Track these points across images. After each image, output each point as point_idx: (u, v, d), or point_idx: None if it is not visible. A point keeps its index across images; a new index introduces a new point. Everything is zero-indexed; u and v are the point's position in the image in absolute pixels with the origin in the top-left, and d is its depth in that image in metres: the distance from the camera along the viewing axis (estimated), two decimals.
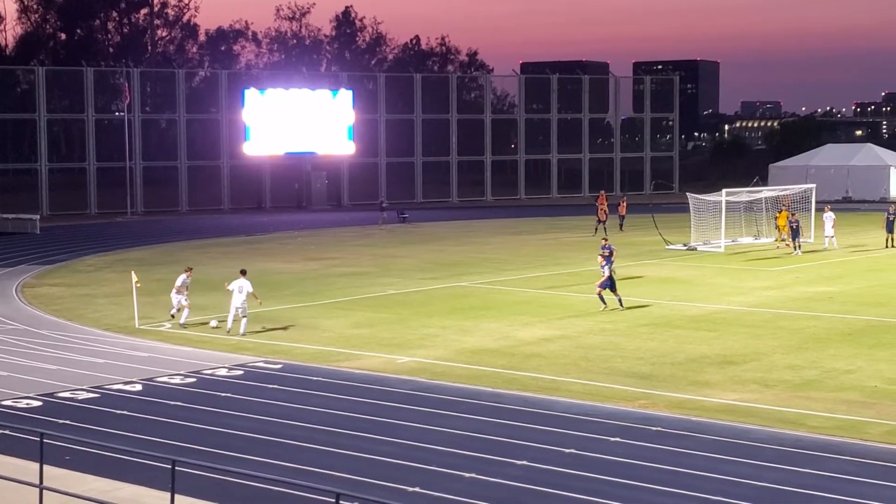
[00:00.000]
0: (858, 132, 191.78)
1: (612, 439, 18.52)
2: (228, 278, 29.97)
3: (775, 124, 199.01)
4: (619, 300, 31.65)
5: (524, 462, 17.21)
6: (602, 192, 62.14)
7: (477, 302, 33.99)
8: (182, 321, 29.69)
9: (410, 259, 45.73)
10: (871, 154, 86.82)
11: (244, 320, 28.50)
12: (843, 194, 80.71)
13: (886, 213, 48.09)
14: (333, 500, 11.32)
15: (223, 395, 22.03)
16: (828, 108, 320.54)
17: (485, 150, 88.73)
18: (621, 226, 57.79)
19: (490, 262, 44.40)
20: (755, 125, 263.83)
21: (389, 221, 63.45)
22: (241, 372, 24.17)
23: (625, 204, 59.43)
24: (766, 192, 54.54)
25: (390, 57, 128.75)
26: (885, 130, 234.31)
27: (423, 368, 24.34)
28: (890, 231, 47.34)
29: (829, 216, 47.41)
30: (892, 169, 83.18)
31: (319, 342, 27.59)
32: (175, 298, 30.03)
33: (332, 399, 21.60)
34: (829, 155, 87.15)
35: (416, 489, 15.89)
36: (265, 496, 15.48)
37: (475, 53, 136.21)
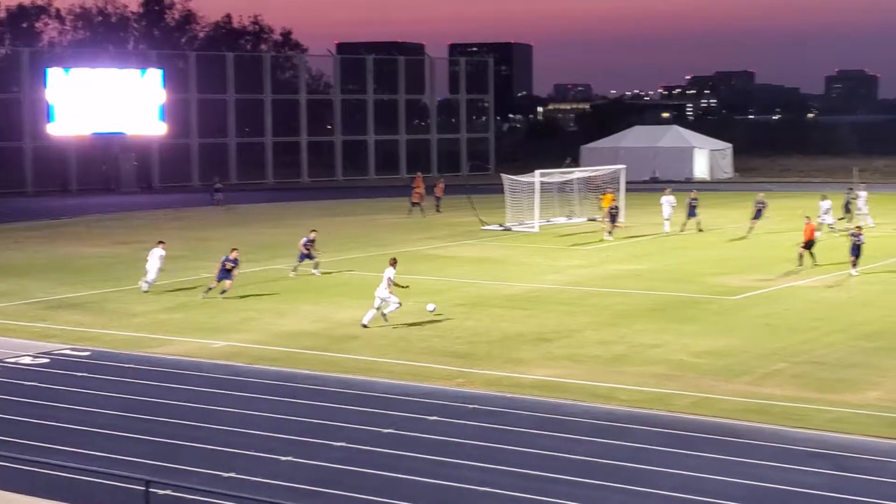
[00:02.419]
0: (665, 114, 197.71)
1: (431, 418, 18.61)
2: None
3: (587, 107, 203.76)
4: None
5: (343, 443, 17.13)
6: (419, 173, 62.37)
7: (294, 284, 33.66)
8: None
9: (225, 242, 44.77)
10: (676, 136, 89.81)
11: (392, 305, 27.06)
12: (651, 175, 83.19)
13: (689, 199, 48.07)
14: (143, 488, 11.00)
15: (27, 383, 21.17)
16: (636, 91, 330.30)
17: (300, 131, 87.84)
18: (438, 207, 58.17)
19: None
20: (567, 107, 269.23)
21: (223, 202, 62.29)
22: (46, 360, 23.29)
23: (441, 185, 59.81)
24: (578, 173, 55.71)
25: (201, 35, 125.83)
26: (689, 113, 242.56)
27: (240, 353, 23.95)
28: (692, 216, 47.58)
29: (667, 200, 47.72)
30: (695, 150, 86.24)
31: (130, 328, 26.83)
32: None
33: (143, 386, 21.03)
34: (637, 136, 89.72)
35: (233, 474, 15.61)
36: (74, 486, 14.93)
37: (289, 33, 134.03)
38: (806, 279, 33.48)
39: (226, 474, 15.60)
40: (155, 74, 78.87)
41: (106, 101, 75.70)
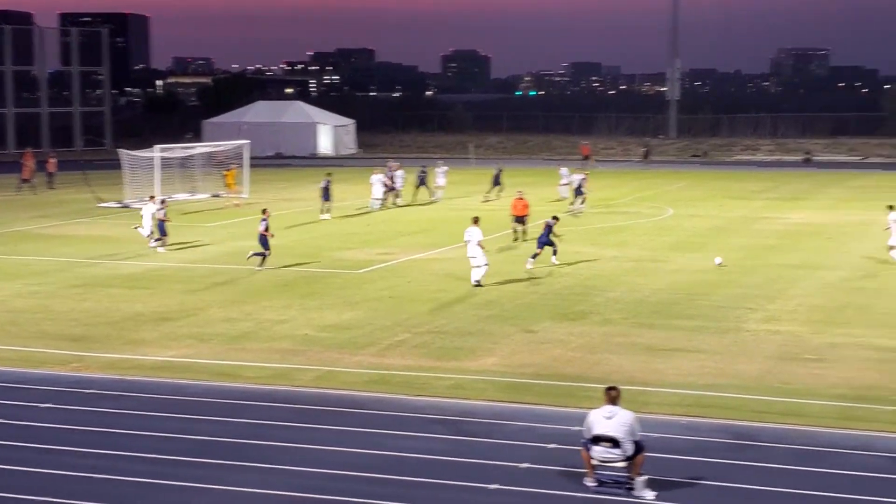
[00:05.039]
0: (289, 90, 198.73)
1: (43, 405, 17.59)
2: None
3: (208, 81, 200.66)
4: None
5: None
6: (28, 149, 59.18)
7: None
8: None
9: None
10: (300, 111, 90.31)
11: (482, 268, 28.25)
12: (275, 150, 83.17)
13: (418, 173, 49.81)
14: None
15: None
16: (258, 66, 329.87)
17: None
18: (50, 184, 55.40)
19: None
20: (188, 81, 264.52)
21: None
22: None
23: (53, 161, 56.97)
24: (200, 148, 54.74)
25: None
26: (313, 89, 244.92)
27: None
28: (325, 201, 46.52)
29: (399, 173, 48.77)
30: (319, 126, 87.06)
31: None
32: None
33: None
34: (260, 112, 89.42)
35: None
36: None
37: None
38: (427, 252, 34.52)
39: None
40: None
41: None
